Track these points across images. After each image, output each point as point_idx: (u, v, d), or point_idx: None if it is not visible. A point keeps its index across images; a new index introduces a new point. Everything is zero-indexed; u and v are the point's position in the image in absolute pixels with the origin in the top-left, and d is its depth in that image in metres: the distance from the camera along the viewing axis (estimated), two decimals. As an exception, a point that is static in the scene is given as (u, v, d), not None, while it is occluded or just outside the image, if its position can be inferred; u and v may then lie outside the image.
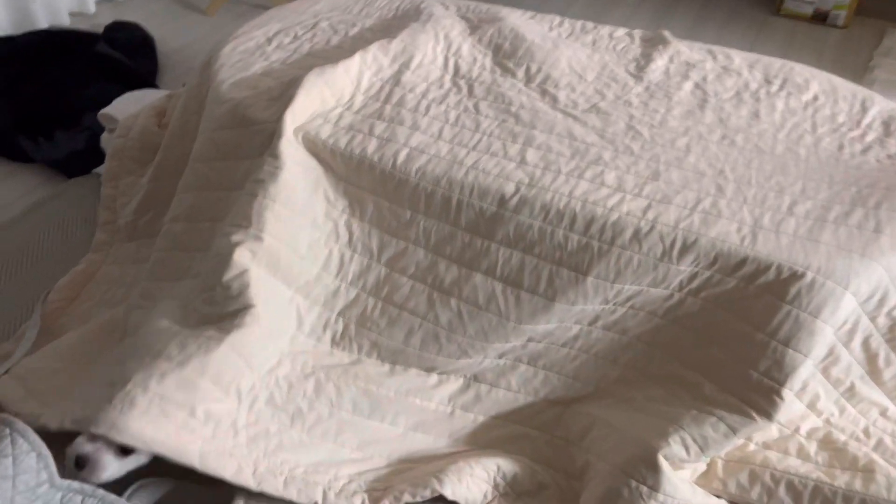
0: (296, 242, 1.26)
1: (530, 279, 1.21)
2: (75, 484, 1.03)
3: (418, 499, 1.13)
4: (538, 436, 1.27)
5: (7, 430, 1.02)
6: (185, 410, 1.07)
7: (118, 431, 1.03)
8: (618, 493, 1.11)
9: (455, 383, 1.30)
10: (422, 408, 1.28)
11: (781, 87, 1.52)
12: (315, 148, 1.27)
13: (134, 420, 1.03)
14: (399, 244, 1.30)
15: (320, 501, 1.12)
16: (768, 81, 1.54)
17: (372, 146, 1.26)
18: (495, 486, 1.19)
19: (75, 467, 1.03)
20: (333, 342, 1.30)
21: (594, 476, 1.17)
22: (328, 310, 1.30)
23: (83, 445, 1.04)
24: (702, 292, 1.16)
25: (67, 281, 1.44)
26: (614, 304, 1.21)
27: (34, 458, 1.01)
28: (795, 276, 1.10)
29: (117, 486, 1.15)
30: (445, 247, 1.27)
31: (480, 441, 1.27)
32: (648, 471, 1.10)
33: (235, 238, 1.20)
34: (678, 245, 1.14)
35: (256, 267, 1.20)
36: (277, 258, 1.23)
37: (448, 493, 1.13)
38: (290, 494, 1.11)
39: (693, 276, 1.15)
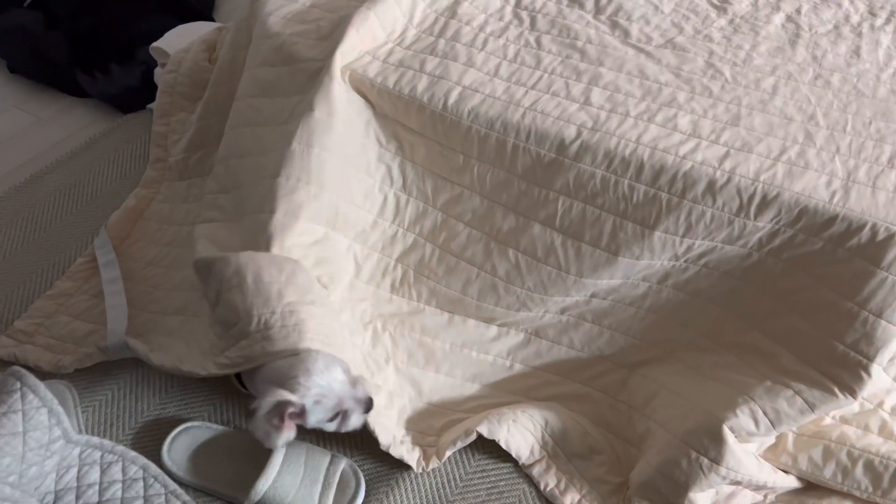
0: (351, 192, 1.21)
1: (592, 232, 1.12)
2: (94, 439, 1.01)
3: (459, 445, 1.12)
4: (601, 398, 1.20)
5: (17, 384, 0.99)
6: None
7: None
8: (676, 463, 1.04)
9: (515, 337, 1.24)
10: (479, 360, 1.24)
11: (888, 20, 1.34)
12: (363, 87, 1.19)
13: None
14: (454, 189, 1.22)
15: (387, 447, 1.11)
16: (873, 14, 1.36)
17: (422, 84, 1.17)
18: (544, 445, 1.14)
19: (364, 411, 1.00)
20: (393, 289, 1.26)
21: (653, 444, 1.10)
22: (386, 256, 1.26)
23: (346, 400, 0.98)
24: (783, 253, 1.05)
25: (119, 217, 1.43)
26: (685, 262, 1.11)
27: (45, 414, 0.98)
28: (893, 238, 0.97)
29: (158, 431, 1.16)
30: (501, 194, 1.18)
31: (539, 396, 1.21)
32: (711, 442, 1.02)
33: (297, 197, 1.14)
34: (757, 199, 1.02)
35: (316, 225, 1.16)
36: (336, 212, 1.18)
37: (484, 432, 1.11)
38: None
39: (774, 235, 1.04)
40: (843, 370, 0.99)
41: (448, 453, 1.12)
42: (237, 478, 1.10)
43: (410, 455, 1.11)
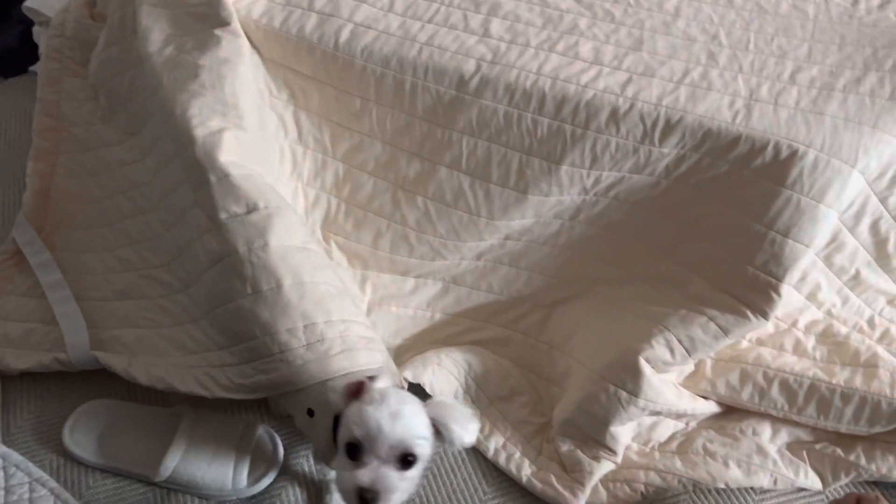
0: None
1: (499, 171, 1.08)
2: None
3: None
4: (522, 339, 1.18)
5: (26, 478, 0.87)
6: None
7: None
8: (595, 398, 1.03)
9: (433, 287, 1.21)
10: (399, 315, 1.20)
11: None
12: (248, 29, 1.11)
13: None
14: (354, 137, 1.16)
15: None
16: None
17: (311, 23, 1.09)
18: (467, 389, 1.13)
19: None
20: None
21: (573, 382, 1.09)
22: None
23: (361, 476, 0.74)
24: (691, 178, 1.03)
25: (33, 204, 1.31)
26: (595, 195, 1.08)
27: None
28: (796, 156, 0.96)
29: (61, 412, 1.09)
30: (403, 138, 1.13)
31: (462, 342, 1.18)
32: (628, 375, 1.01)
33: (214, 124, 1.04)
34: (661, 125, 0.99)
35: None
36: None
37: (409, 377, 1.08)
38: None
39: (680, 160, 1.02)
40: (754, 292, 0.99)
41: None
42: (148, 455, 1.05)
43: None
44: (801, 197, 0.96)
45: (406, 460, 0.74)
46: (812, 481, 1.03)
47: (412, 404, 0.77)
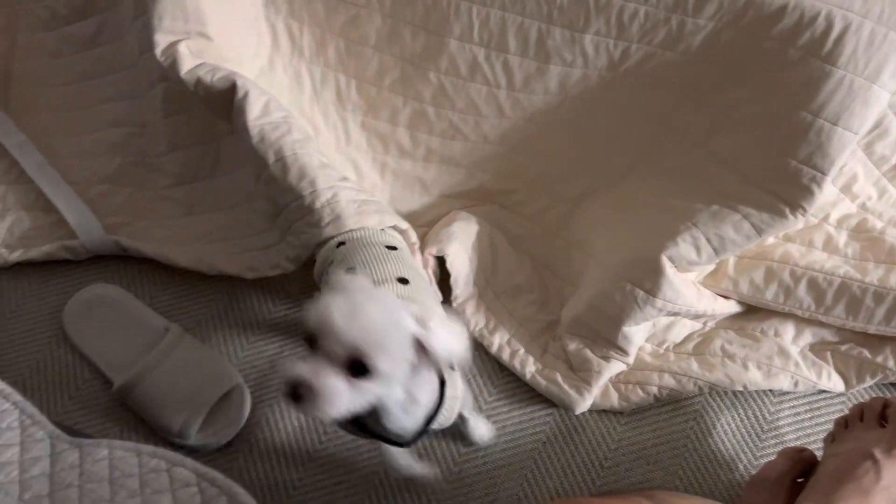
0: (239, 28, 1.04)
1: (517, 42, 0.98)
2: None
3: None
4: (541, 234, 1.11)
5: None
6: None
7: None
8: (609, 296, 0.96)
9: (456, 174, 1.14)
10: (422, 203, 1.15)
11: None
12: None
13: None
14: (349, 9, 1.05)
15: None
16: None
17: None
18: (476, 280, 1.07)
19: (292, 399, 0.61)
20: (317, 133, 1.11)
21: (588, 280, 1.02)
22: (299, 97, 1.10)
23: (299, 368, 0.61)
24: (728, 57, 0.91)
25: None
26: (624, 74, 0.97)
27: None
28: (850, 29, 0.84)
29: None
30: (405, 10, 1.02)
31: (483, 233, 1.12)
32: (647, 273, 0.94)
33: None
34: (697, -10, 0.87)
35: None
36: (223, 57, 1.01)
37: (434, 251, 1.05)
38: None
39: (717, 34, 0.90)
40: (795, 188, 0.89)
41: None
42: (121, 358, 1.00)
43: None
44: (854, 77, 0.84)
45: (357, 367, 0.60)
46: (835, 383, 0.98)
47: (383, 306, 0.62)
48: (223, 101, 0.96)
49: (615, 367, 0.99)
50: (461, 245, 1.06)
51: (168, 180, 1.13)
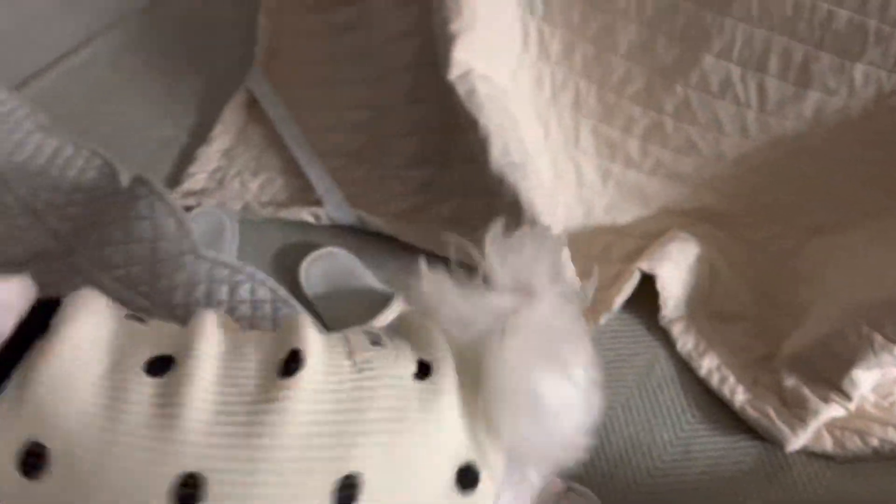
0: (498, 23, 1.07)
1: (778, 64, 0.96)
2: (223, 257, 0.97)
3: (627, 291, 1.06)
4: (767, 263, 1.08)
5: (145, 191, 0.95)
6: None
7: None
8: (840, 336, 0.92)
9: (681, 189, 1.12)
10: (641, 216, 1.16)
11: None
12: None
13: None
14: (606, 16, 1.07)
15: None
16: None
17: None
18: (688, 300, 1.06)
19: None
20: (547, 133, 1.15)
21: (816, 315, 0.98)
22: (536, 97, 1.14)
23: None
24: None
25: (262, 63, 1.35)
26: (889, 107, 0.93)
27: (174, 225, 0.95)
28: None
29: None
30: (663, 21, 1.02)
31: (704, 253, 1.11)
32: (890, 318, 0.88)
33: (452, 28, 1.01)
34: None
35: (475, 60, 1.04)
36: (488, 48, 1.05)
37: (644, 267, 1.05)
38: None
39: None
40: None
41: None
42: (346, 321, 1.07)
43: None
44: None
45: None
46: None
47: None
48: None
49: (834, 410, 0.95)
50: (676, 267, 1.06)
51: (402, 160, 1.21)
